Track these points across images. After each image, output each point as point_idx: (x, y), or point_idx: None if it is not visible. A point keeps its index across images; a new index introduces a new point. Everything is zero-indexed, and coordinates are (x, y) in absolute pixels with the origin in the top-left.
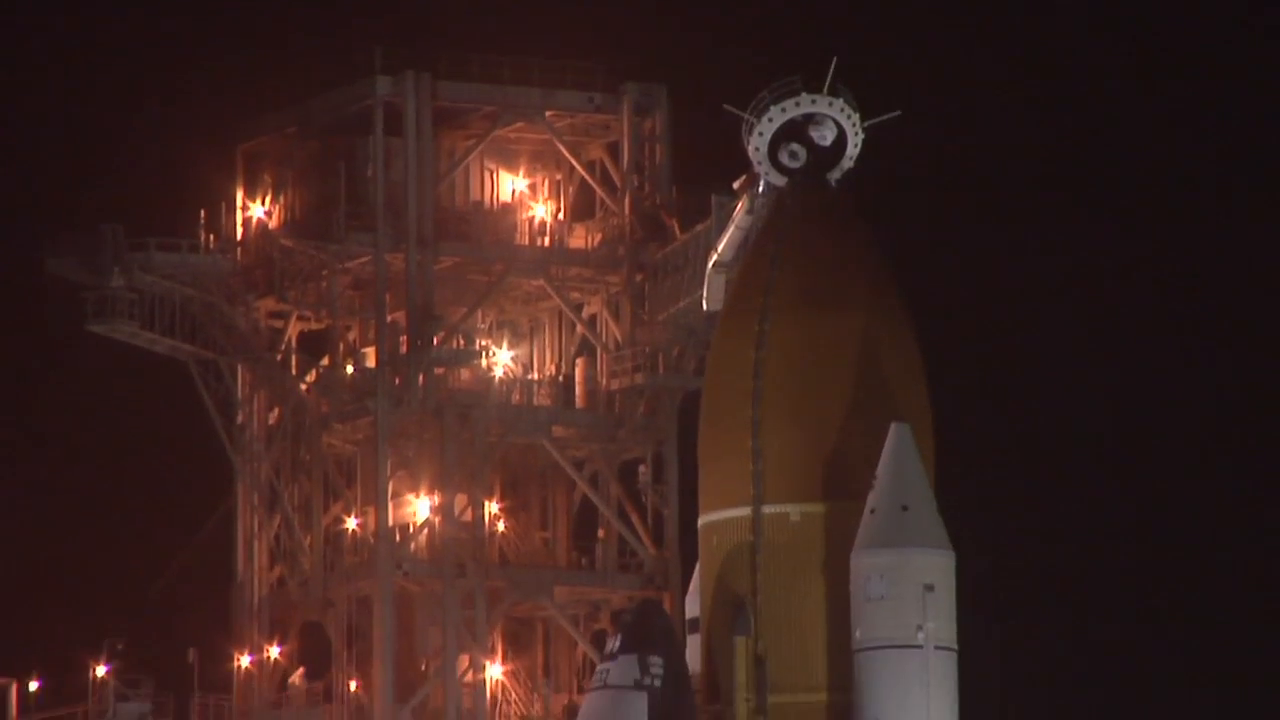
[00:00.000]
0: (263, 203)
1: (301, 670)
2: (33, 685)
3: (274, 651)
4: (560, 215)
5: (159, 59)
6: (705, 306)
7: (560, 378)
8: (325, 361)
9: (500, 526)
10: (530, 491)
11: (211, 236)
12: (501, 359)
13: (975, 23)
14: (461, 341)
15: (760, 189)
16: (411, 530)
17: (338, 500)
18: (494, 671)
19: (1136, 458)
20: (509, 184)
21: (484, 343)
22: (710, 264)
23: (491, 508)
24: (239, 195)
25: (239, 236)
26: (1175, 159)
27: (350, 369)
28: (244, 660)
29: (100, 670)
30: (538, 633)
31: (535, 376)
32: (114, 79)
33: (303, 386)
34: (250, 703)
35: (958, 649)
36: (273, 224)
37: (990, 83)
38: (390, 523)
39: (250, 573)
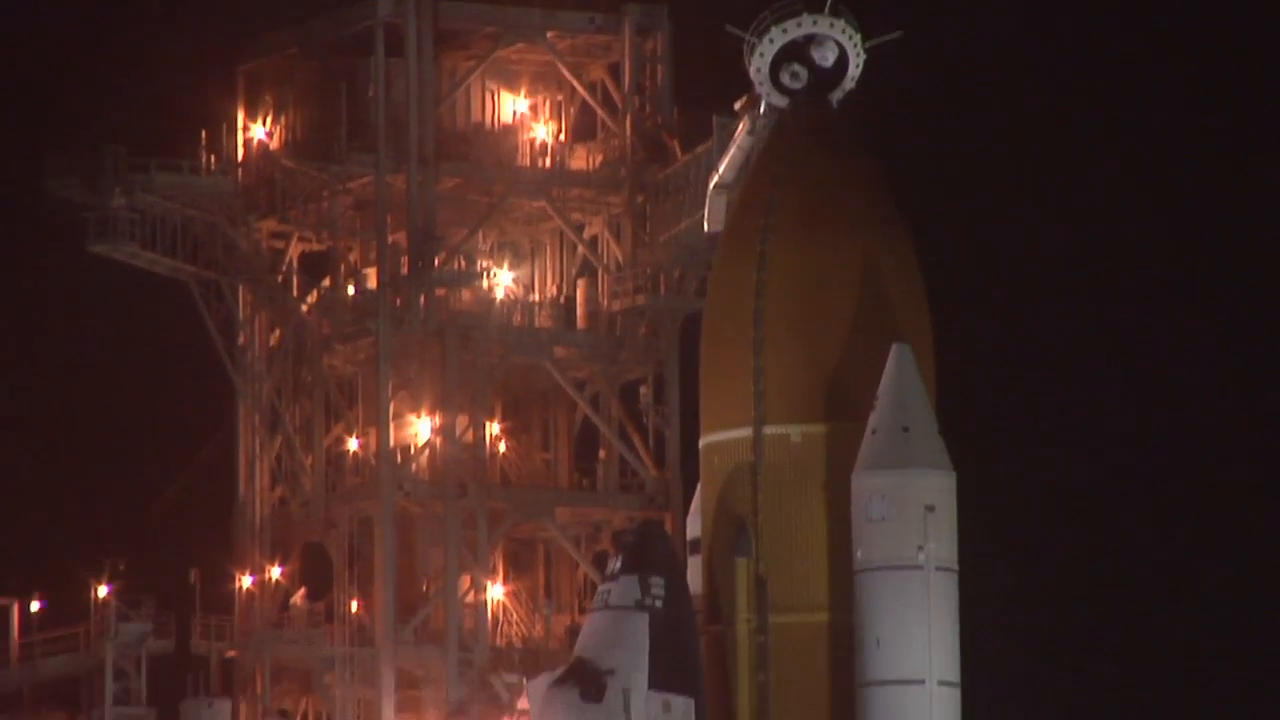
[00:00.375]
0: (264, 124)
1: (303, 591)
2: (34, 605)
3: (275, 572)
4: (561, 136)
5: None
6: (706, 228)
7: (561, 299)
8: (326, 282)
9: (501, 447)
10: (531, 412)
11: (212, 157)
12: (503, 280)
13: None
14: (463, 263)
15: (761, 110)
16: (413, 451)
17: (339, 421)
18: (495, 592)
19: (1137, 371)
20: (510, 105)
21: (485, 264)
22: (711, 185)
23: (493, 429)
24: (240, 116)
25: (240, 157)
26: (1185, 80)
27: (351, 290)
28: (245, 581)
29: (102, 590)
30: (539, 553)
31: (536, 298)
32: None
33: (304, 307)
34: (251, 623)
35: (958, 569)
36: (274, 145)
37: (991, 2)
38: (391, 444)
39: (251, 494)
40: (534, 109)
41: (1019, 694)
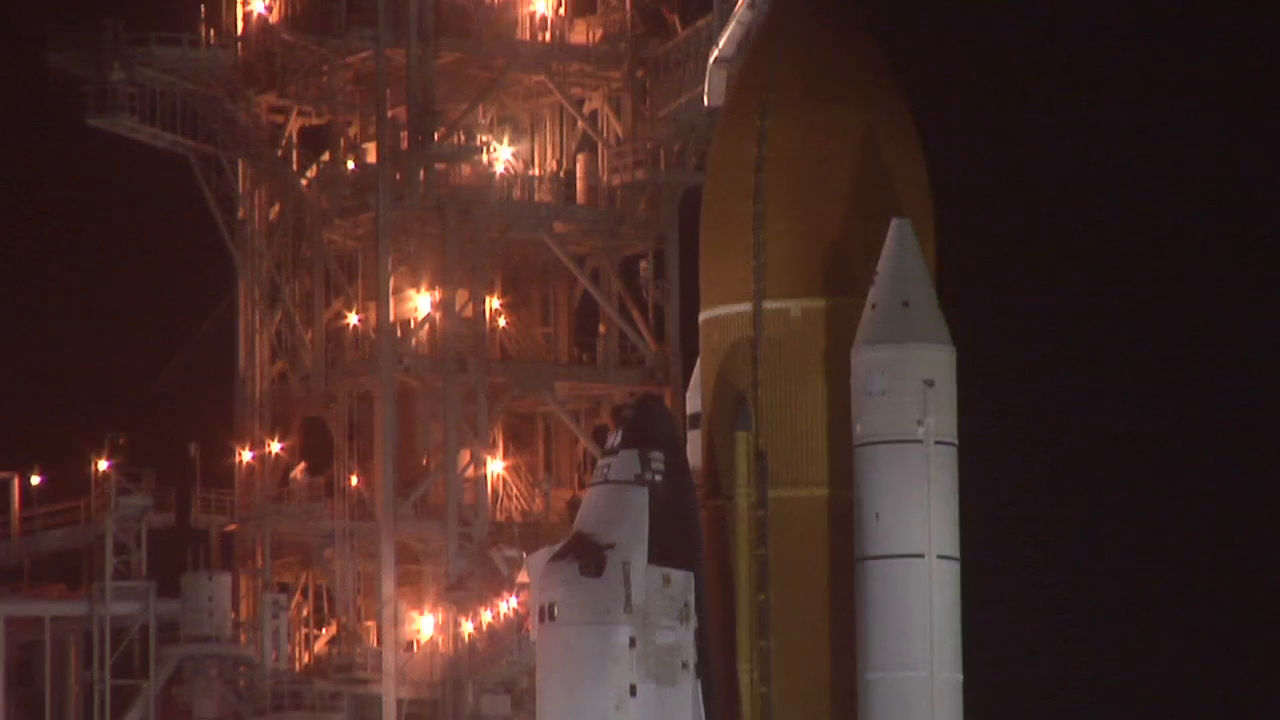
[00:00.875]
0: None
1: (303, 465)
2: (35, 479)
3: (275, 446)
4: (561, 10)
5: None
6: (706, 102)
7: (561, 174)
8: (326, 157)
9: (501, 322)
10: (531, 287)
11: (212, 31)
12: (502, 155)
13: None
14: (462, 137)
15: None
16: (412, 326)
17: (339, 296)
18: (495, 467)
19: (1138, 245)
20: None
21: (485, 138)
22: (712, 59)
23: (492, 304)
24: None
25: (239, 31)
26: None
27: (351, 165)
28: (245, 455)
29: (102, 464)
30: (539, 428)
31: (536, 172)
32: None
33: (303, 182)
34: (252, 497)
35: (958, 443)
36: (273, 19)
37: None
38: (391, 318)
39: (251, 368)
40: None
41: (1018, 568)
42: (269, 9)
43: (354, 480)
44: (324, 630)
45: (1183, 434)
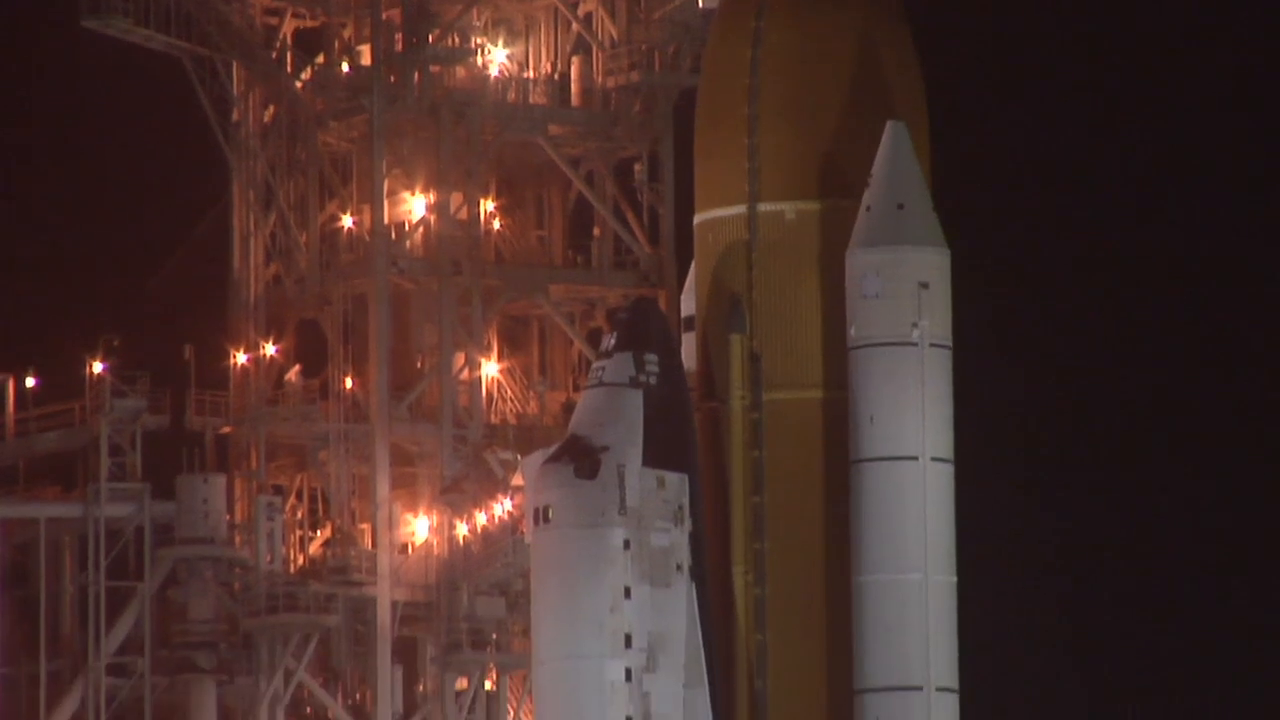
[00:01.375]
0: None
1: (298, 368)
2: (29, 381)
3: (270, 349)
4: None
5: None
6: (701, 3)
7: (556, 76)
8: (320, 59)
9: (496, 225)
10: (526, 190)
11: None
12: (497, 57)
13: None
14: (457, 40)
15: None
16: (407, 228)
17: (333, 198)
18: (490, 369)
19: (1137, 149)
20: None
21: (479, 41)
22: None
23: (487, 206)
24: None
25: None
26: None
27: (345, 67)
28: (240, 357)
29: (97, 366)
30: (533, 330)
31: (531, 75)
32: None
33: (298, 84)
34: (246, 399)
35: (952, 346)
36: None
37: None
38: (386, 221)
39: (246, 271)
40: None
41: (1013, 469)
42: None
43: (349, 383)
44: (319, 533)
45: (1181, 334)
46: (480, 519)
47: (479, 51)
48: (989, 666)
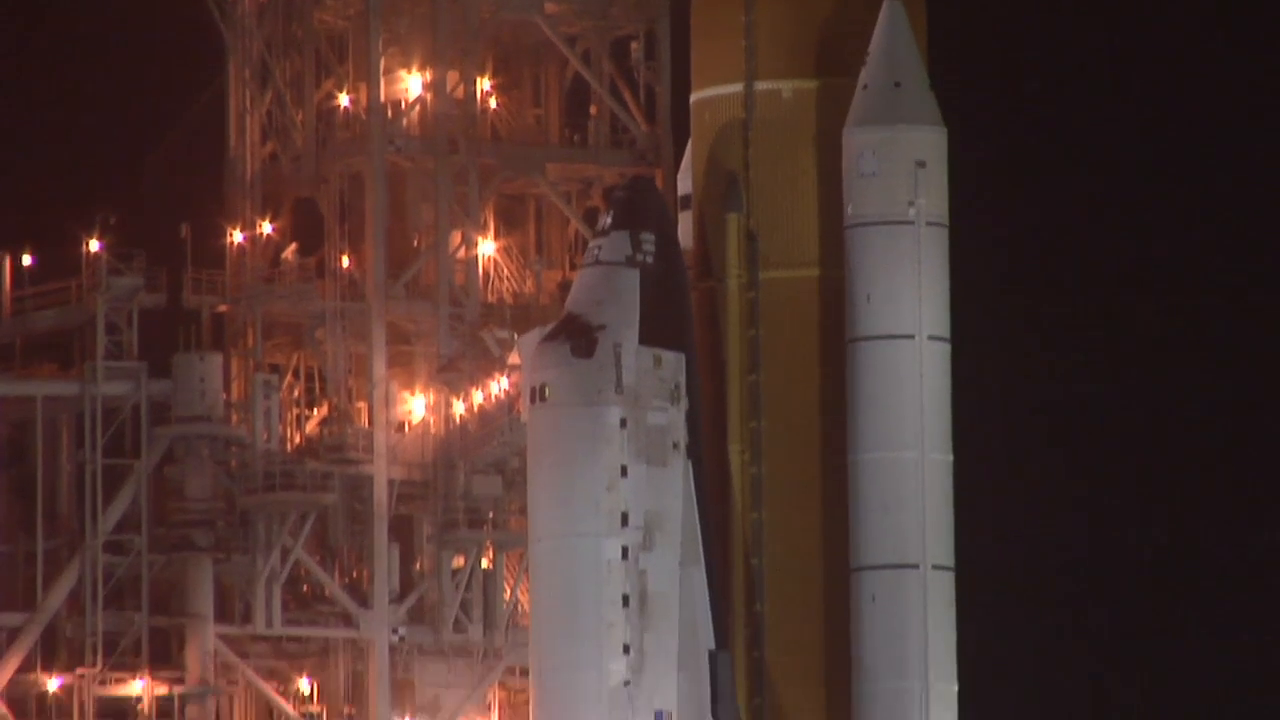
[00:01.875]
0: None
1: (294, 246)
2: (25, 259)
3: (266, 227)
4: None
5: None
6: None
7: None
8: None
9: (492, 103)
10: (522, 68)
11: None
12: None
13: None
14: None
15: None
16: (403, 107)
17: (329, 76)
18: (486, 248)
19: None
20: None
21: None
22: None
23: (483, 84)
24: None
25: None
26: None
27: None
28: (236, 235)
29: (93, 245)
30: (530, 209)
31: None
32: None
33: None
34: (243, 278)
35: (949, 224)
36: None
37: None
38: (382, 99)
39: (242, 149)
40: None
41: (1010, 349)
42: None
43: (345, 261)
44: (315, 411)
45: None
46: (477, 397)
47: None
48: (987, 543)
